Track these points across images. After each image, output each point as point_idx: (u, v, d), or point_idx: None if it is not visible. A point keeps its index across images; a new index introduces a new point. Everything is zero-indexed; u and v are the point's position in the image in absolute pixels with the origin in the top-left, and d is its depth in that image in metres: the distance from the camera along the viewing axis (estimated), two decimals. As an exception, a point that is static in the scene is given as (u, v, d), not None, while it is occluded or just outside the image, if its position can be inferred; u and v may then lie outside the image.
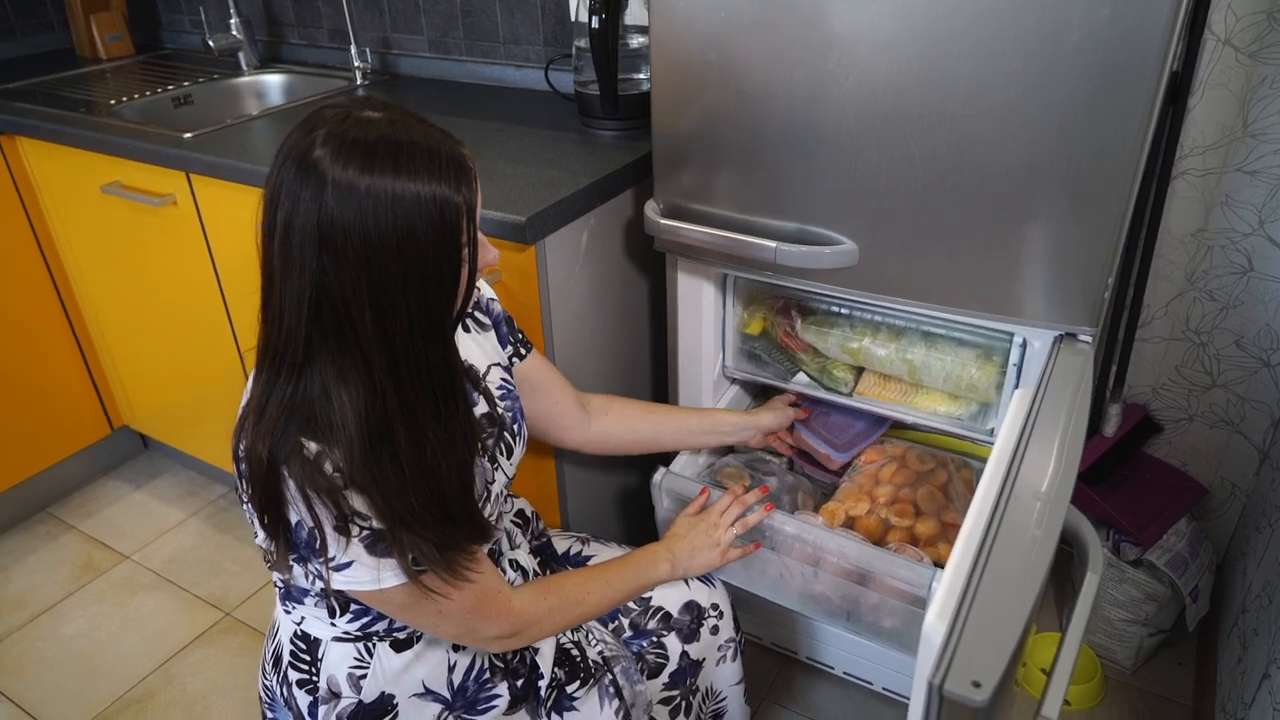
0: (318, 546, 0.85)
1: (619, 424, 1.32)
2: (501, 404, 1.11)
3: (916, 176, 1.11)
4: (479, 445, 0.97)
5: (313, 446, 0.82)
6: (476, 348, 1.11)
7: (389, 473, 0.84)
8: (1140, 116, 0.97)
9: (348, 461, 0.82)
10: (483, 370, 1.10)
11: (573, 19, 1.80)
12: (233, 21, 2.13)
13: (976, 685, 0.66)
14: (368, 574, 0.88)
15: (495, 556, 1.12)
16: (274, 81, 2.20)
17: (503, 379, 1.13)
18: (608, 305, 1.51)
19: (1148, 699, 1.61)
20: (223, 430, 2.10)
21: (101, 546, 2.08)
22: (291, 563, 0.90)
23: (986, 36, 1.00)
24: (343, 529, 0.84)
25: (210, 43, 2.10)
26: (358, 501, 0.84)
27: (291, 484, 0.83)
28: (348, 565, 0.87)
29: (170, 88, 2.08)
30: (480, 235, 0.89)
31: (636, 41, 1.57)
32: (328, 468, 0.82)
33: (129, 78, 2.18)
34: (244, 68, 2.20)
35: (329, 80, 2.12)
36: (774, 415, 1.48)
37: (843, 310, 1.45)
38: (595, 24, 1.45)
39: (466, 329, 1.10)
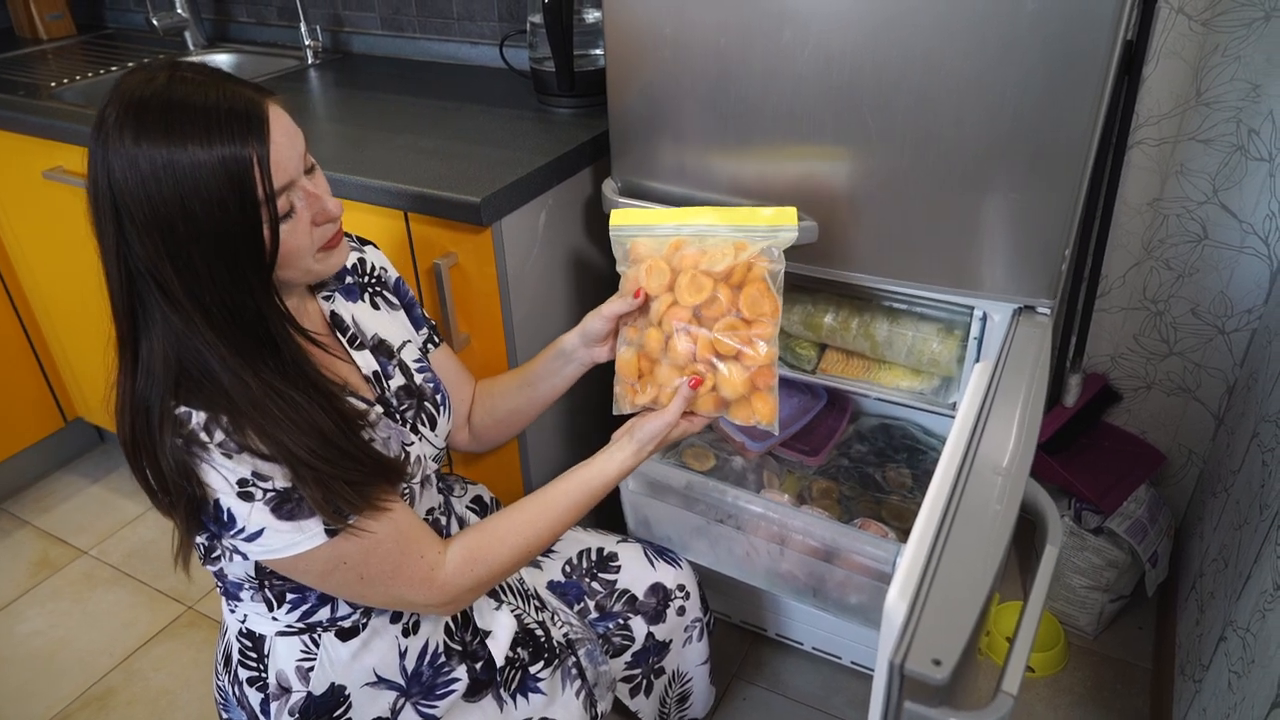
0: (225, 519, 0.84)
1: (489, 396, 1.24)
2: (420, 375, 1.09)
3: (874, 151, 1.10)
4: (333, 388, 0.91)
5: (199, 418, 0.81)
6: (390, 323, 1.09)
7: (272, 416, 0.83)
8: (1096, 86, 0.97)
9: (231, 419, 0.82)
10: (397, 345, 1.08)
11: (527, -6, 1.76)
12: (178, -1, 2.07)
13: (937, 663, 0.66)
14: (280, 539, 0.85)
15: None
16: (222, 61, 2.14)
17: (420, 352, 1.12)
18: (568, 286, 1.49)
19: (1109, 664, 1.63)
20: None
21: (58, 542, 2.04)
22: (202, 544, 0.88)
23: (942, 8, 0.99)
24: (245, 495, 0.83)
25: (154, 21, 2.03)
26: (256, 462, 0.83)
27: (203, 466, 0.82)
28: (259, 534, 0.85)
29: (114, 69, 2.01)
30: (311, 187, 0.86)
31: (592, 16, 1.54)
32: (218, 435, 0.81)
33: (70, 58, 2.11)
34: (190, 47, 2.14)
35: (278, 59, 2.06)
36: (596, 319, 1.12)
37: (805, 287, 1.44)
38: (549, -1, 1.42)
39: (376, 306, 1.09)
